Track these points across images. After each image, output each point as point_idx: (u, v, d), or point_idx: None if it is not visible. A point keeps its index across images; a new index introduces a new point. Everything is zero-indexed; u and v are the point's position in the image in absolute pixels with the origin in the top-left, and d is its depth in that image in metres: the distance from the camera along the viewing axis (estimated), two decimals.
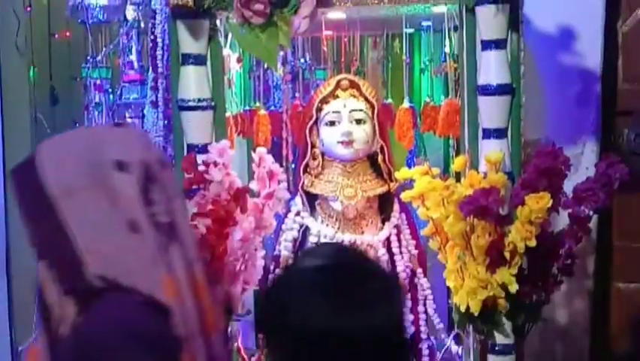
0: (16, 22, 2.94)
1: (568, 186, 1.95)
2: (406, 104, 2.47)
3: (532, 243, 1.84)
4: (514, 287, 1.87)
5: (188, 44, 1.96)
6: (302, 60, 2.88)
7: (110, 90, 3.33)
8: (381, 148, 2.18)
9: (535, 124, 2.39)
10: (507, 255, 1.88)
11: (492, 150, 1.94)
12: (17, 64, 3.01)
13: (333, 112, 2.16)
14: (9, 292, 2.94)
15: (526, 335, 2.00)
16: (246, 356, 2.24)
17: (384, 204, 2.22)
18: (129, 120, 3.40)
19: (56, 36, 3.24)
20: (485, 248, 1.87)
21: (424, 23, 2.47)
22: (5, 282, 2.93)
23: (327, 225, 2.18)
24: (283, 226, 2.21)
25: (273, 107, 2.72)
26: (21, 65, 3.03)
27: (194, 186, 1.93)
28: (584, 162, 2.53)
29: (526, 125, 2.09)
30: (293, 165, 2.78)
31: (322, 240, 2.16)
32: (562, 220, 2.01)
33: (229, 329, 2.06)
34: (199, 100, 1.97)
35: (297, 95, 2.77)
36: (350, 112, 2.15)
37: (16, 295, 2.98)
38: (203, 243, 1.88)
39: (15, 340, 3.01)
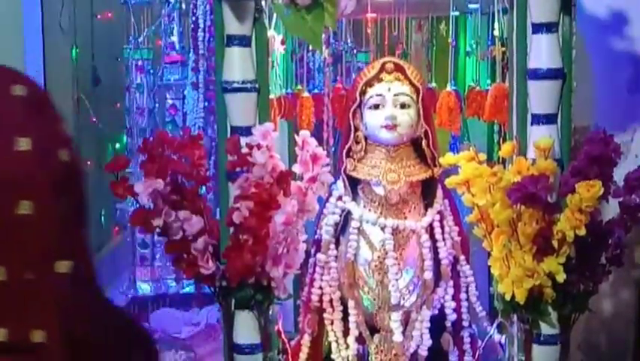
0: (60, 3, 2.96)
1: (617, 174, 1.91)
2: (449, 87, 2.43)
3: (582, 232, 1.80)
4: (561, 276, 1.83)
5: (233, 25, 1.94)
6: (344, 42, 2.85)
7: (151, 71, 3.34)
8: (426, 133, 2.15)
9: (584, 110, 2.34)
10: (555, 243, 1.84)
11: (542, 136, 1.89)
12: (60, 44, 3.03)
13: (377, 95, 2.13)
14: None
15: (573, 325, 1.96)
16: (285, 340, 2.23)
17: (427, 190, 2.19)
18: (170, 102, 3.42)
19: (99, 17, 3.25)
20: (532, 236, 1.84)
21: (471, 6, 2.42)
22: None
23: (370, 209, 2.15)
24: (325, 210, 2.19)
25: (315, 90, 2.70)
26: (64, 45, 3.06)
27: (237, 169, 1.93)
28: (633, 149, 2.48)
29: (575, 111, 2.04)
30: (333, 149, 2.76)
31: (364, 225, 2.15)
32: (610, 209, 1.96)
33: (270, 312, 2.05)
34: (243, 82, 1.96)
35: (338, 77, 2.74)
36: (394, 96, 2.12)
37: None
38: (245, 226, 1.88)
39: None
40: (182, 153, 1.92)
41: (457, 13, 2.46)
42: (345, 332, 2.18)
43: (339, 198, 2.18)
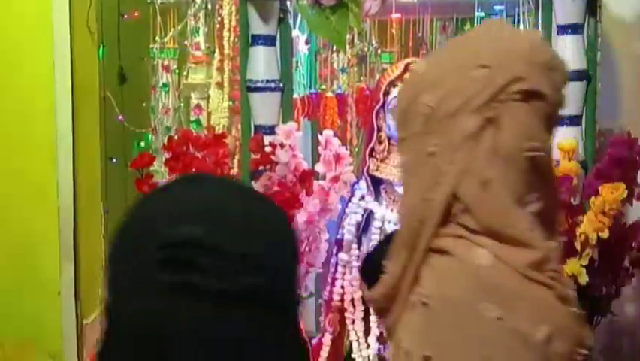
0: (88, 2, 2.99)
1: None
2: None
3: (605, 234, 1.80)
4: (584, 279, 1.82)
5: (258, 25, 1.96)
6: (368, 43, 2.85)
7: (176, 71, 3.36)
8: None
9: (608, 112, 2.32)
10: (577, 246, 1.83)
11: (566, 138, 1.89)
12: (88, 43, 3.07)
13: None
14: (75, 269, 3.02)
15: (595, 328, 1.95)
16: (306, 338, 2.24)
17: None
18: (194, 102, 3.44)
19: (125, 16, 3.28)
20: None
21: (496, 7, 2.42)
22: (72, 260, 3.01)
23: (392, 210, 2.16)
24: (347, 210, 2.20)
25: (338, 90, 2.71)
26: (91, 44, 3.09)
27: (260, 167, 1.94)
28: None
29: (600, 113, 2.03)
30: (356, 149, 2.77)
31: (386, 225, 2.15)
32: (633, 212, 1.95)
33: None
34: (267, 81, 1.97)
35: (362, 78, 2.75)
36: None
37: (82, 272, 3.06)
38: None
39: (80, 314, 3.09)
40: (207, 152, 1.94)
41: (482, 14, 2.46)
42: (366, 332, 2.18)
43: (362, 197, 2.18)
